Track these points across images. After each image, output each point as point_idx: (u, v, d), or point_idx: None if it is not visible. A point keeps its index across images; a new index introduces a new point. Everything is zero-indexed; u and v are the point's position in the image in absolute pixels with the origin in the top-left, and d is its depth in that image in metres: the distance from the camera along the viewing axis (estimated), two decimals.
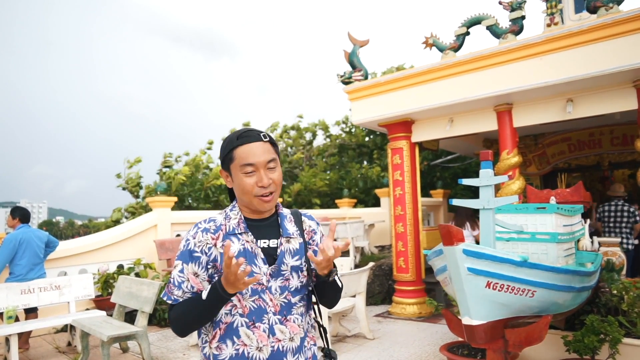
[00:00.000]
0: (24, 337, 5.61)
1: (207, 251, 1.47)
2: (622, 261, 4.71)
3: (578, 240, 4.20)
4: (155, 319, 6.75)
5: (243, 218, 1.52)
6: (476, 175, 3.27)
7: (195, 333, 5.71)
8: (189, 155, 14.93)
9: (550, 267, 3.06)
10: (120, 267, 7.52)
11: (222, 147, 1.53)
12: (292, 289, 1.51)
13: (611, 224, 6.58)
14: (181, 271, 1.46)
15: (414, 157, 7.18)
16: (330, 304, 1.66)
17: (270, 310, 1.46)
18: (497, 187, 6.10)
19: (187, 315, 1.43)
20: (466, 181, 3.28)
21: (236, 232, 1.49)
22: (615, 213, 6.54)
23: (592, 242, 4.54)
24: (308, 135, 18.94)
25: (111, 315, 5.50)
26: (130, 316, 6.26)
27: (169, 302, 1.48)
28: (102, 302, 6.74)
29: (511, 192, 5.90)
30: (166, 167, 13.94)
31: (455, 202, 3.31)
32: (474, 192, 12.75)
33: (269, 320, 1.45)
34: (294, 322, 1.50)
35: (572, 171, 9.98)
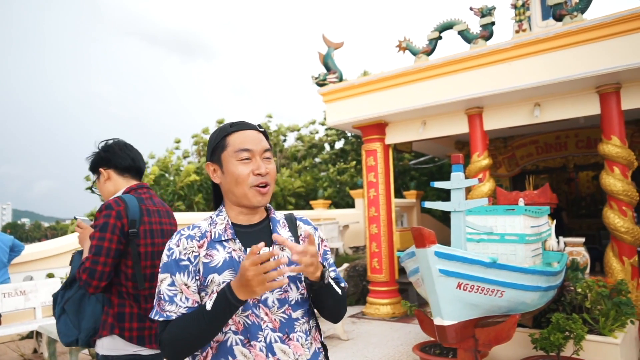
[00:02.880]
0: None
1: (192, 260, 1.31)
2: (585, 260, 4.89)
3: (545, 241, 4.34)
4: None
5: (230, 223, 1.38)
6: (448, 176, 3.34)
7: None
8: (154, 158, 14.69)
9: (518, 268, 3.15)
10: None
11: (212, 137, 1.42)
12: (292, 302, 1.35)
13: None
14: (171, 284, 1.30)
15: (388, 159, 7.26)
16: (334, 317, 1.47)
17: (267, 326, 1.30)
18: (468, 189, 6.24)
19: (187, 333, 1.24)
20: (438, 184, 3.35)
21: (222, 239, 1.34)
22: None
23: (558, 242, 4.70)
24: (280, 137, 18.96)
25: None
26: None
27: (161, 319, 1.29)
28: None
29: (482, 194, 6.05)
30: None
31: (428, 204, 3.37)
32: (446, 193, 12.97)
33: (265, 338, 1.28)
34: (297, 340, 1.33)
35: (540, 173, 10.30)
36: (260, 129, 1.42)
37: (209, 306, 1.22)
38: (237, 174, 1.34)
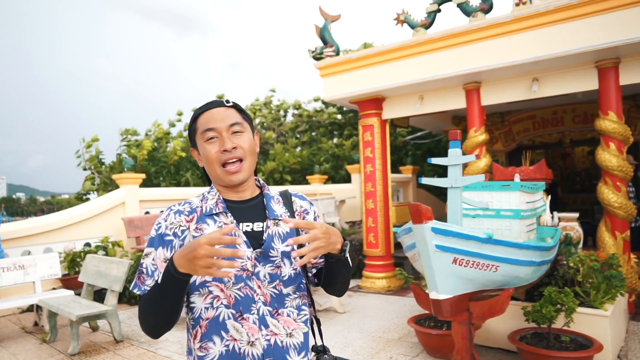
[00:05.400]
0: None
1: (179, 234, 1.31)
2: (579, 235, 4.95)
3: (539, 216, 4.38)
4: (124, 297, 6.70)
5: (222, 199, 1.38)
6: (445, 151, 3.35)
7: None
8: (159, 127, 14.56)
9: (513, 243, 3.20)
10: (88, 245, 7.37)
11: (189, 123, 1.42)
12: (285, 278, 1.34)
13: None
14: (154, 258, 1.31)
15: (385, 134, 7.24)
16: (342, 289, 1.49)
17: (260, 299, 1.29)
18: (465, 164, 6.25)
19: (147, 305, 1.23)
20: (435, 160, 3.35)
21: (213, 212, 1.34)
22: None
23: (552, 218, 4.75)
24: (280, 113, 18.81)
25: (79, 295, 5.42)
26: (99, 294, 6.18)
27: (139, 293, 1.30)
28: (70, 282, 6.62)
29: (478, 170, 6.07)
30: (126, 145, 13.51)
31: (425, 180, 3.38)
32: (443, 168, 13.01)
33: (258, 311, 1.28)
34: (288, 316, 1.33)
35: (536, 148, 10.31)
36: (229, 104, 1.39)
37: (159, 279, 1.20)
38: (206, 155, 1.35)
